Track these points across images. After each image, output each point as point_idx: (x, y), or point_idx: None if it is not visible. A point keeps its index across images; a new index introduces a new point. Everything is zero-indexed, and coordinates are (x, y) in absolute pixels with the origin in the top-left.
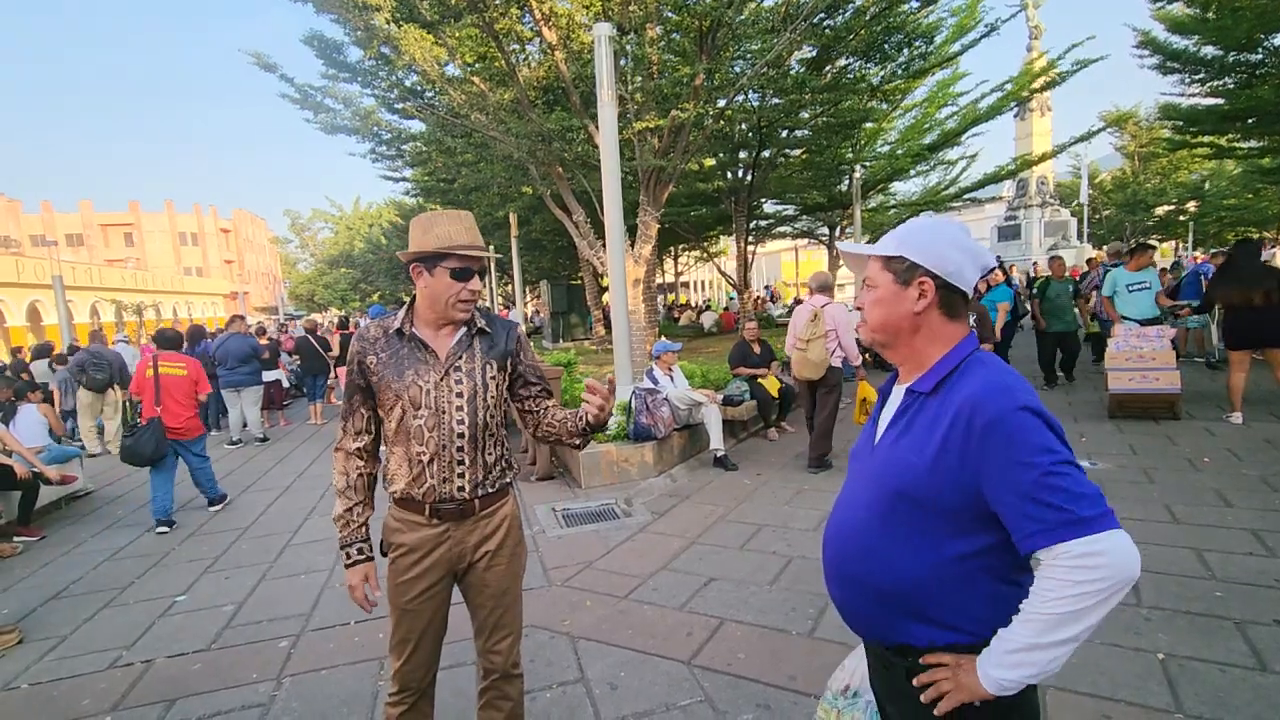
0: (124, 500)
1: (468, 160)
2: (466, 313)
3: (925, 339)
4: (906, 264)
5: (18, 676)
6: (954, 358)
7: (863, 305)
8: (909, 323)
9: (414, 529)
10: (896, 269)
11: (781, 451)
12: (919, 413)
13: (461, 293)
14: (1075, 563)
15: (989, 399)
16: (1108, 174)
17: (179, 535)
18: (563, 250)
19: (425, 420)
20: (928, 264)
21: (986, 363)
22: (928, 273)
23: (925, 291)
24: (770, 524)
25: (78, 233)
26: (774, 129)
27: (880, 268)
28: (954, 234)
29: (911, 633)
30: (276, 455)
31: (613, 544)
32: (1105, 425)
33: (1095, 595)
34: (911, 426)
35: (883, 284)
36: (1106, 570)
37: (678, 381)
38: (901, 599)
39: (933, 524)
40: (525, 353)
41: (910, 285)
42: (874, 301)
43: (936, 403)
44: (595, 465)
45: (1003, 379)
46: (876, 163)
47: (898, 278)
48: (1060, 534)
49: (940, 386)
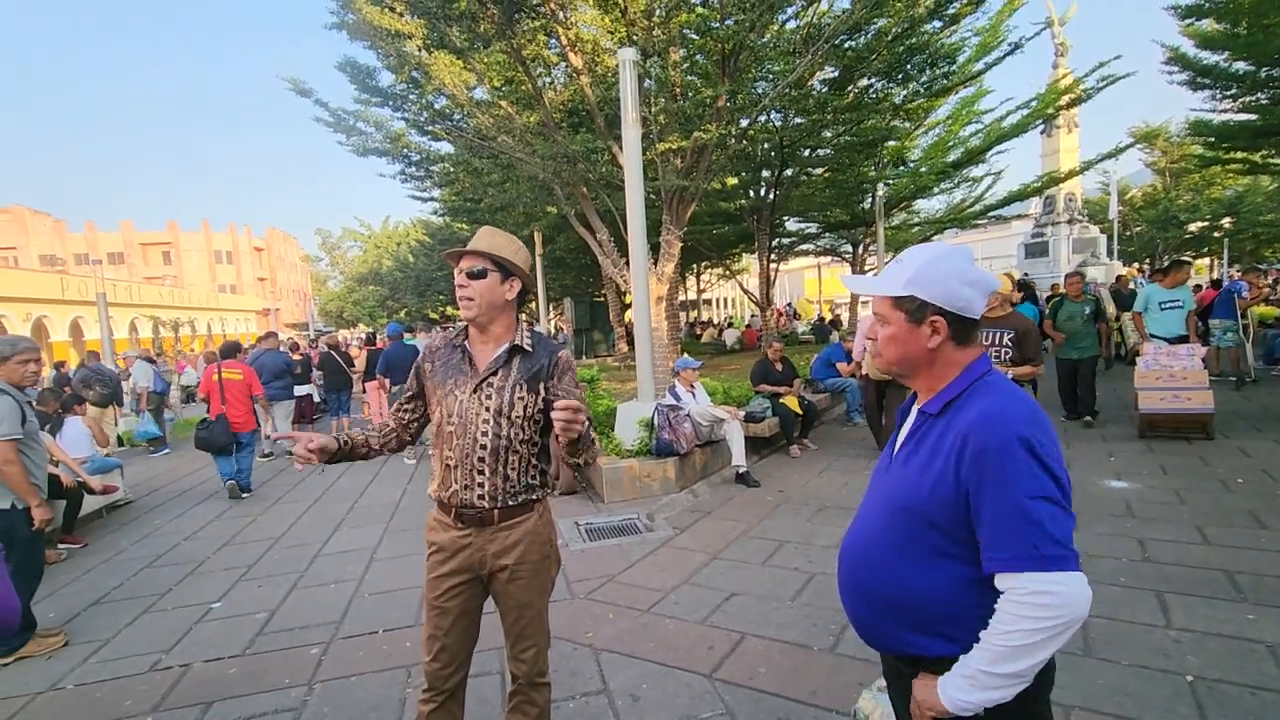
0: (162, 510)
1: (494, 180)
2: (465, 309)
3: (939, 367)
4: (918, 303)
5: (64, 677)
6: (963, 381)
7: (876, 337)
8: (924, 357)
9: (444, 529)
10: (908, 308)
11: (804, 469)
12: (927, 433)
13: (459, 290)
14: (1027, 599)
15: (986, 425)
16: (1138, 190)
17: (213, 544)
18: (586, 268)
19: (455, 429)
20: (939, 302)
21: (995, 387)
22: (939, 310)
23: (938, 329)
24: (792, 540)
25: (119, 251)
26: (796, 148)
27: (891, 305)
28: (961, 268)
29: (919, 644)
30: (307, 468)
31: (635, 558)
32: (1135, 444)
33: (1045, 631)
34: (920, 447)
35: (895, 322)
36: (1057, 610)
37: (700, 398)
38: (908, 612)
39: (935, 541)
40: (562, 377)
41: (923, 324)
42: (889, 338)
43: (943, 424)
44: (618, 480)
45: (1005, 406)
46: (899, 180)
47: (910, 316)
48: (1020, 564)
49: (948, 408)
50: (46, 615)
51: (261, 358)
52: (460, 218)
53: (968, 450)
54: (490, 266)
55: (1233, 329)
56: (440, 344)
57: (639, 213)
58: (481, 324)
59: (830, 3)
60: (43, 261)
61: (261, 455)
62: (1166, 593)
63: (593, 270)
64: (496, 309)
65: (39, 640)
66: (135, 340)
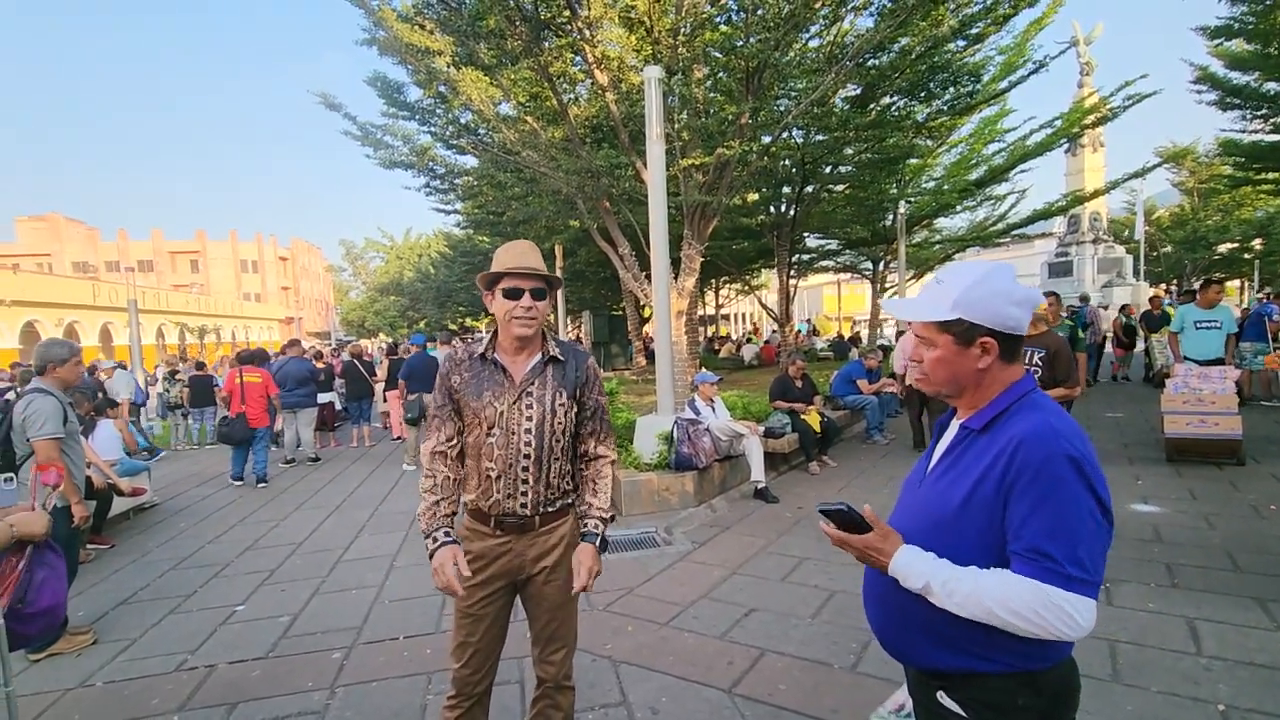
0: (188, 513)
1: (517, 194)
2: (526, 328)
3: (986, 385)
4: (966, 325)
5: (93, 675)
6: (1008, 398)
7: (920, 359)
8: (973, 378)
9: (480, 538)
10: (955, 330)
11: (824, 485)
12: (968, 449)
13: (515, 310)
14: (1038, 598)
15: (1036, 440)
16: (1165, 210)
17: (237, 548)
18: (605, 281)
19: (496, 440)
20: (988, 324)
21: (1041, 405)
22: (989, 331)
23: (989, 349)
24: (812, 557)
25: (148, 259)
26: (818, 165)
27: (937, 329)
28: (1008, 288)
29: (944, 660)
30: (328, 474)
31: (653, 571)
32: (1163, 468)
33: (1033, 628)
34: (958, 462)
35: (942, 344)
36: (1055, 626)
37: (719, 412)
38: (934, 627)
39: (965, 557)
40: (593, 386)
41: (972, 345)
42: (936, 361)
43: (986, 439)
44: (636, 493)
45: (1052, 423)
46: (921, 198)
47: (958, 339)
48: (1045, 578)
49: (991, 425)
50: (76, 614)
51: (287, 365)
52: (482, 230)
53: (1013, 465)
54: (545, 286)
55: (1264, 351)
56: (463, 356)
57: (661, 227)
58: (530, 339)
59: (853, 22)
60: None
61: (284, 462)
62: (1197, 619)
63: (612, 284)
64: (542, 324)
65: (69, 638)
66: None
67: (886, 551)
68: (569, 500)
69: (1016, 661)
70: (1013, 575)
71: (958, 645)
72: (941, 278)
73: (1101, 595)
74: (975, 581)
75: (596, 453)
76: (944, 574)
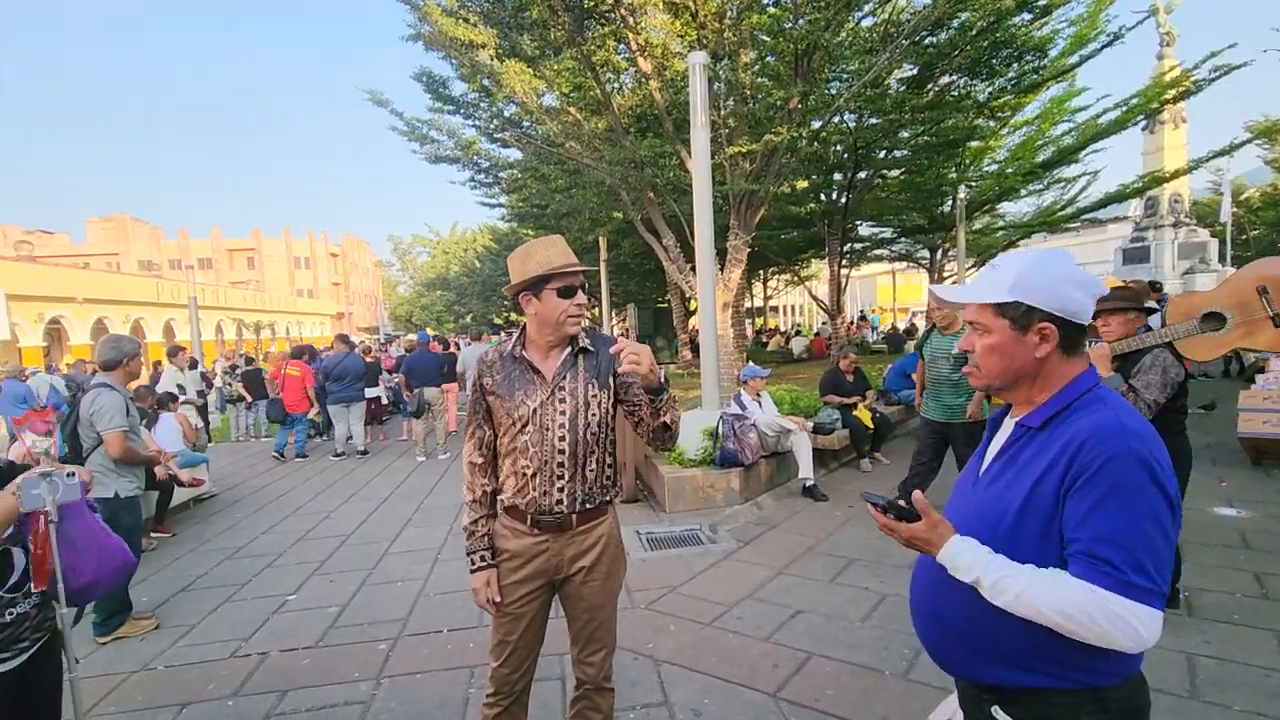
0: (243, 504)
1: (560, 186)
2: (578, 325)
3: (1044, 379)
4: (1024, 309)
5: (155, 658)
6: (1069, 393)
7: (972, 349)
8: (1030, 368)
9: (518, 537)
10: (1012, 315)
11: (876, 483)
12: (1024, 448)
13: (569, 309)
14: (1108, 609)
15: (1103, 437)
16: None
17: (289, 539)
18: (650, 274)
19: (531, 437)
20: (1048, 307)
21: (1106, 400)
22: (1049, 316)
23: (1047, 336)
24: (862, 558)
25: (207, 257)
26: (871, 149)
27: (993, 313)
28: (1069, 270)
29: (998, 674)
30: (376, 468)
31: (697, 570)
32: (1248, 470)
33: (1089, 635)
34: (1015, 461)
35: (997, 330)
36: (1119, 635)
37: (766, 407)
38: (987, 640)
39: (1020, 561)
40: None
41: (1030, 331)
42: (990, 349)
43: (1044, 438)
44: (680, 490)
45: (1122, 419)
46: (983, 182)
47: (1014, 324)
48: (1107, 584)
49: (1051, 422)
50: (140, 600)
51: (345, 361)
52: (527, 223)
53: (1075, 463)
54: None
55: None
56: (494, 359)
57: (707, 218)
58: (566, 334)
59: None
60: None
61: (334, 455)
62: None
63: (657, 276)
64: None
65: (134, 623)
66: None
67: (935, 543)
68: (607, 498)
69: (1081, 676)
70: (1069, 577)
71: (1015, 658)
72: (997, 263)
73: (1181, 604)
74: (1029, 579)
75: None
76: (997, 569)
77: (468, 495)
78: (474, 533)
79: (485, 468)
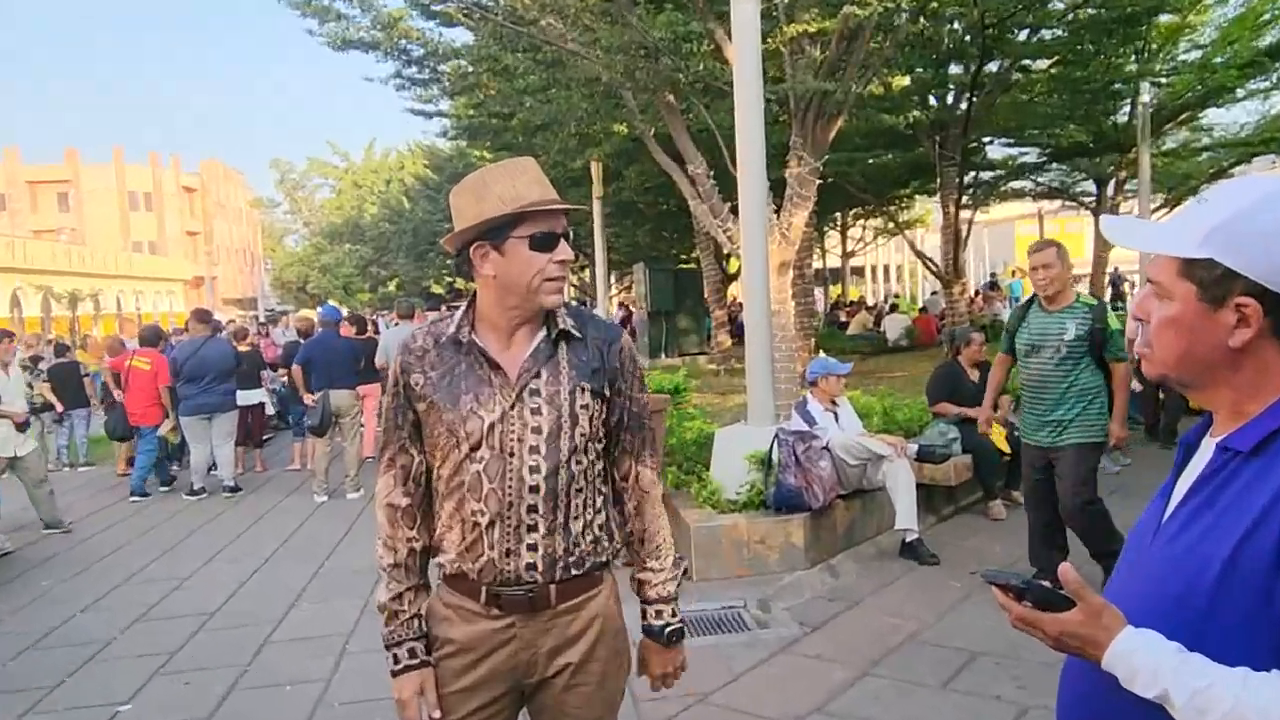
0: (54, 565)
1: (533, 85)
2: (558, 294)
3: (1248, 379)
4: (1218, 272)
5: None
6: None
7: (1146, 316)
8: (1222, 358)
9: (467, 620)
10: (1202, 278)
11: (1009, 536)
12: (1230, 482)
13: (546, 268)
14: None
15: None
16: None
17: (122, 618)
18: (669, 218)
19: (485, 465)
20: (1257, 275)
21: None
22: (1254, 288)
23: (1247, 317)
24: (990, 651)
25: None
26: (1006, 29)
27: (1176, 271)
28: None
29: None
30: (254, 512)
31: (740, 668)
32: None
33: None
34: (1214, 502)
35: (1180, 297)
36: None
37: (845, 422)
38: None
39: (1223, 652)
40: (630, 379)
41: (1223, 306)
42: (1165, 323)
43: (1259, 467)
44: (714, 546)
45: None
46: (1178, 78)
47: (1203, 292)
48: None
49: (1267, 445)
50: None
51: (204, 349)
52: (480, 141)
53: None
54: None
55: None
56: (426, 345)
57: (756, 132)
58: (541, 307)
59: None
60: None
61: (189, 493)
62: None
63: (679, 221)
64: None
65: None
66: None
67: (1099, 641)
68: (603, 560)
69: None
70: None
71: None
72: (1209, 194)
73: None
74: (1241, 691)
75: (639, 475)
76: (1193, 676)
77: (385, 557)
78: (397, 613)
79: (412, 513)
